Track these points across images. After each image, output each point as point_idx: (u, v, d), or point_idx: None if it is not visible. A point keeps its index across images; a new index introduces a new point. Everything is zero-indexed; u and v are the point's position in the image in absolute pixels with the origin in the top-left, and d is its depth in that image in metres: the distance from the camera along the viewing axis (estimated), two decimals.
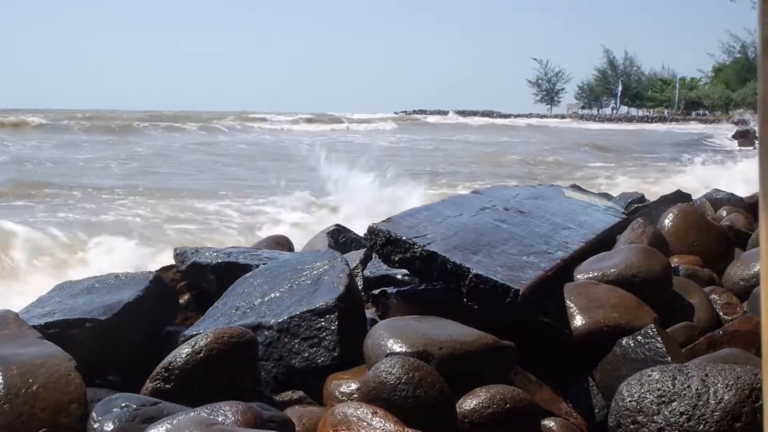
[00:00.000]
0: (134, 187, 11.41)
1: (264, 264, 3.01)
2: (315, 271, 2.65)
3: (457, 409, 1.95)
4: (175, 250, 3.40)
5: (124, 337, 2.54)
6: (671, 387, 1.89)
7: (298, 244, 4.37)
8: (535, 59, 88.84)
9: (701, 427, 1.82)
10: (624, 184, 10.99)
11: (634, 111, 79.51)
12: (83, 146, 20.95)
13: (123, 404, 1.83)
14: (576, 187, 5.50)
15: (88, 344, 2.40)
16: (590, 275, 2.84)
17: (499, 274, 2.43)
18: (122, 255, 5.85)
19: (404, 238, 2.55)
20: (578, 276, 2.87)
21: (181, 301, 3.17)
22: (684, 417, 1.84)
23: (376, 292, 2.81)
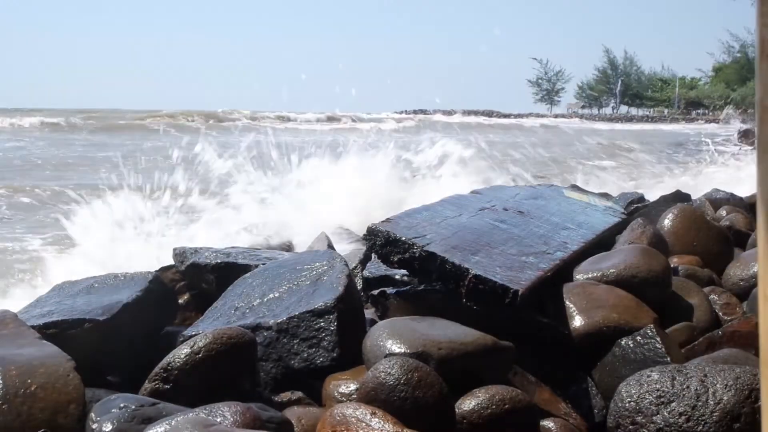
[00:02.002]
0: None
1: (263, 264, 3.01)
2: (314, 272, 2.65)
3: (456, 410, 1.95)
4: (174, 250, 3.40)
5: (123, 338, 2.54)
6: (670, 387, 1.89)
7: None
8: (535, 59, 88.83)
9: (700, 427, 1.82)
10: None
11: (633, 111, 79.55)
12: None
13: (122, 405, 1.83)
14: (575, 187, 5.50)
15: (86, 345, 2.40)
16: (590, 275, 2.84)
17: (498, 274, 2.43)
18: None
19: (403, 238, 2.55)
20: (578, 276, 2.87)
21: (181, 301, 3.17)
22: (683, 417, 1.84)
23: (375, 292, 2.81)
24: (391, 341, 2.12)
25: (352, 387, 2.13)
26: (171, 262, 3.39)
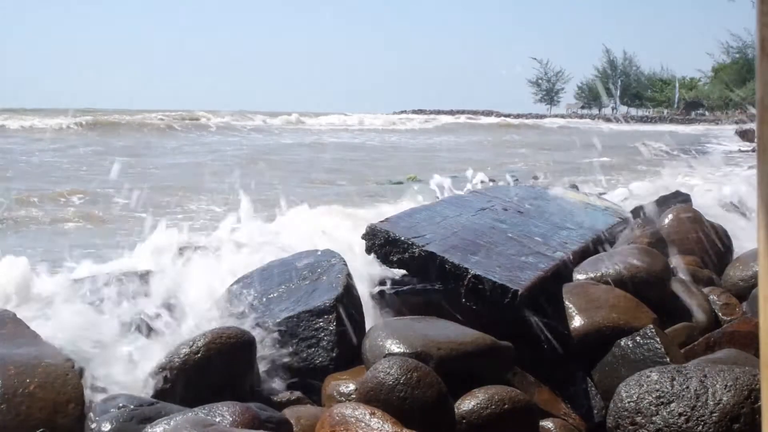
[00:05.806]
0: None
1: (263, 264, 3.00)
2: (313, 272, 2.65)
3: (456, 410, 1.94)
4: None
5: None
6: (670, 388, 1.89)
7: None
8: (535, 59, 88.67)
9: (700, 428, 1.81)
10: None
11: (633, 111, 79.50)
12: None
13: (120, 404, 1.82)
14: (574, 188, 5.49)
15: None
16: (589, 275, 2.84)
17: (497, 274, 2.43)
18: None
19: (403, 238, 2.55)
20: (577, 276, 2.87)
21: None
22: (682, 418, 1.84)
23: (374, 292, 2.80)
24: (390, 341, 2.11)
25: (352, 387, 2.13)
26: None
